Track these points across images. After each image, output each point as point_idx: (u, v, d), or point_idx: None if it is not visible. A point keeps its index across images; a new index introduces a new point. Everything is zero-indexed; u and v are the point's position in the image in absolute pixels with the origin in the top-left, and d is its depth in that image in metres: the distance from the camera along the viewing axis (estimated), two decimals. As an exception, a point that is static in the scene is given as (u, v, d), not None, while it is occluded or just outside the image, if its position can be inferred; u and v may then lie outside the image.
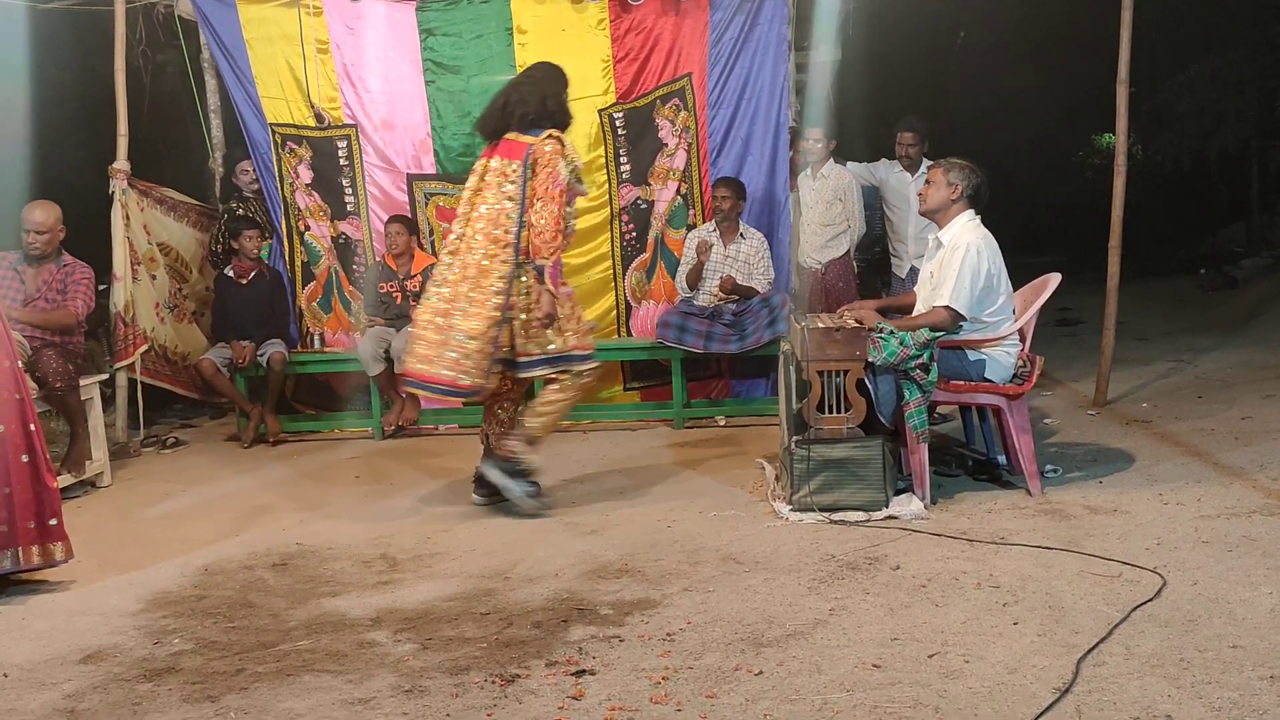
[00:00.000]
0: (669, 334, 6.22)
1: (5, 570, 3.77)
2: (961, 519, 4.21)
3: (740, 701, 2.74)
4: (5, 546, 3.75)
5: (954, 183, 4.59)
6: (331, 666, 3.09)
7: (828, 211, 6.56)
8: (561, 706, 2.76)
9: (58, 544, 3.87)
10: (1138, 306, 9.40)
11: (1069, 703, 2.63)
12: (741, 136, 6.56)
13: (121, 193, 6.21)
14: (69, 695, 2.98)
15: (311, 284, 6.92)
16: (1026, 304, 4.73)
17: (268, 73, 6.66)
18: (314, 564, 4.07)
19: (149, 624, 3.50)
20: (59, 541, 3.87)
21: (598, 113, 6.54)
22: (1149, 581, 3.40)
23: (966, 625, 3.15)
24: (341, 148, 6.75)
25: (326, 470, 5.75)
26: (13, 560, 3.76)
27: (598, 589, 3.62)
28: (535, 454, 4.69)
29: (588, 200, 6.61)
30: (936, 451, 4.81)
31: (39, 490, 3.82)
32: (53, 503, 3.86)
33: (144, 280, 6.44)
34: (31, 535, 3.80)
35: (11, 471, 3.75)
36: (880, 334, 4.40)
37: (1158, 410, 5.99)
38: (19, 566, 3.79)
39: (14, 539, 3.75)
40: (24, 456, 3.78)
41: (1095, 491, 4.49)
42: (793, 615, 3.29)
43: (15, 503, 3.75)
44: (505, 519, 4.58)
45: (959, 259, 4.45)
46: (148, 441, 6.43)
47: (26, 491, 3.78)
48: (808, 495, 4.30)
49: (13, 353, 3.86)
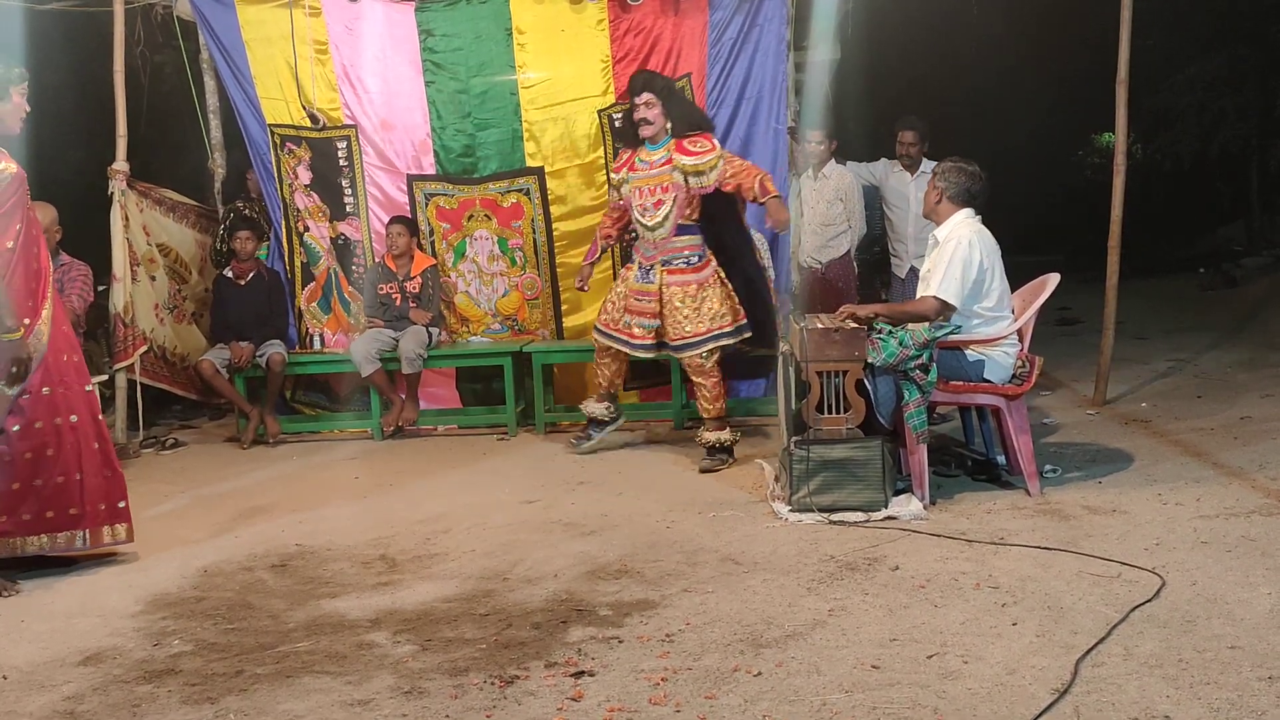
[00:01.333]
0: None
1: (76, 550, 4.07)
2: (961, 519, 4.22)
3: (739, 702, 2.74)
4: (76, 527, 4.04)
5: (939, 186, 4.64)
6: (331, 668, 3.09)
7: (828, 211, 6.56)
8: (560, 708, 2.76)
9: (122, 525, 4.17)
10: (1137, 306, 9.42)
11: (1067, 703, 2.63)
12: (741, 136, 6.55)
13: (121, 194, 6.21)
14: (69, 697, 2.98)
15: (311, 285, 6.92)
16: (1025, 304, 4.74)
17: (267, 73, 6.67)
18: (313, 565, 4.08)
19: (148, 625, 3.51)
20: (124, 523, 4.18)
21: (597, 113, 6.53)
22: (1148, 582, 3.40)
23: (965, 626, 3.15)
24: (341, 148, 6.75)
25: (326, 471, 5.75)
26: (83, 540, 4.06)
27: (597, 590, 3.62)
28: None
29: (588, 200, 6.63)
30: (936, 452, 4.82)
31: (109, 475, 4.14)
32: (120, 486, 4.19)
33: (143, 281, 6.44)
34: (102, 517, 4.10)
35: (84, 458, 4.05)
36: (879, 334, 4.40)
37: (1157, 410, 6.00)
38: (88, 547, 4.08)
39: (83, 520, 4.05)
40: (95, 444, 4.10)
41: (1094, 491, 4.49)
42: (792, 616, 3.29)
43: (86, 488, 4.05)
44: (504, 519, 4.59)
45: (950, 250, 4.48)
46: (147, 442, 6.43)
47: (97, 476, 4.09)
48: (807, 496, 4.30)
49: (78, 347, 4.17)
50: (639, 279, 5.46)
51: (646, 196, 5.38)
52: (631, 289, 5.47)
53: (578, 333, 6.73)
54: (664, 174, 5.32)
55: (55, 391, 3.99)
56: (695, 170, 5.25)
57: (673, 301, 5.33)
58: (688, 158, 5.26)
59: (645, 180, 5.39)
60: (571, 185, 6.62)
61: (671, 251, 5.35)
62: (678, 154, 5.28)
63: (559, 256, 6.70)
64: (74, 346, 4.12)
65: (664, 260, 5.36)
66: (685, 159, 5.26)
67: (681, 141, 5.30)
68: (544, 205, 6.62)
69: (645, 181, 5.39)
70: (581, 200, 6.63)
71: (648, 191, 5.37)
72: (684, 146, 5.29)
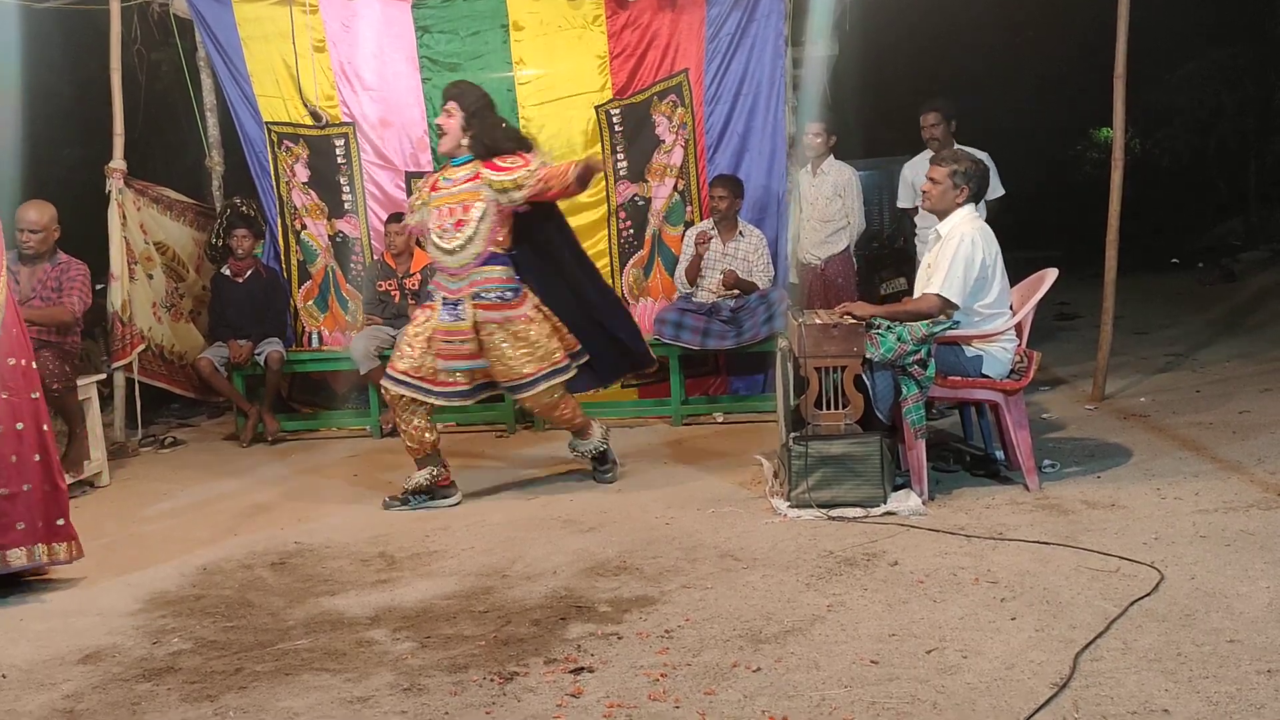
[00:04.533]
0: (666, 331, 6.22)
1: (22, 567, 3.80)
2: (959, 514, 4.22)
3: (738, 698, 2.74)
4: (23, 543, 3.77)
5: (960, 185, 4.57)
6: (330, 665, 3.09)
7: (827, 207, 6.55)
8: (560, 704, 2.76)
9: (64, 543, 3.89)
10: (1136, 300, 9.42)
11: (1066, 698, 2.64)
12: (739, 132, 6.55)
13: (118, 192, 6.20)
14: (68, 695, 2.98)
15: (308, 283, 6.92)
16: (1024, 299, 4.73)
17: (264, 71, 6.66)
18: (312, 563, 4.07)
19: (147, 624, 3.50)
20: (66, 541, 3.89)
21: (594, 109, 6.54)
22: (1146, 576, 3.40)
23: (964, 621, 3.15)
24: (339, 146, 6.74)
25: (325, 469, 5.75)
26: (28, 557, 3.79)
27: (596, 586, 3.62)
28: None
29: (586, 196, 6.60)
30: (934, 447, 4.82)
31: (50, 490, 3.85)
32: (62, 502, 3.89)
33: (141, 280, 6.44)
34: (40, 534, 3.81)
35: (27, 470, 3.77)
36: (878, 330, 4.40)
37: (1155, 405, 6.00)
38: (29, 565, 3.80)
39: (31, 536, 3.79)
40: (36, 456, 3.82)
41: (1093, 486, 4.49)
42: (791, 611, 3.29)
43: (33, 501, 3.78)
44: (503, 517, 4.59)
45: (953, 248, 4.46)
46: (146, 441, 6.43)
47: (38, 491, 3.81)
48: (806, 491, 4.30)
49: (29, 352, 3.90)
50: (446, 317, 4.70)
51: (445, 217, 4.70)
52: (438, 329, 4.71)
53: (576, 329, 6.72)
54: (467, 191, 4.66)
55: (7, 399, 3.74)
56: (503, 187, 4.62)
57: (494, 341, 4.68)
58: (496, 173, 4.64)
59: (446, 199, 4.72)
60: (569, 182, 6.61)
61: (482, 284, 4.66)
62: (486, 170, 4.66)
63: (557, 253, 6.68)
64: (25, 351, 3.85)
65: (474, 294, 4.66)
66: (493, 174, 4.64)
67: (492, 160, 4.67)
68: (543, 203, 6.60)
69: (446, 200, 4.72)
70: (580, 197, 6.58)
71: (447, 211, 4.70)
72: (494, 164, 4.66)
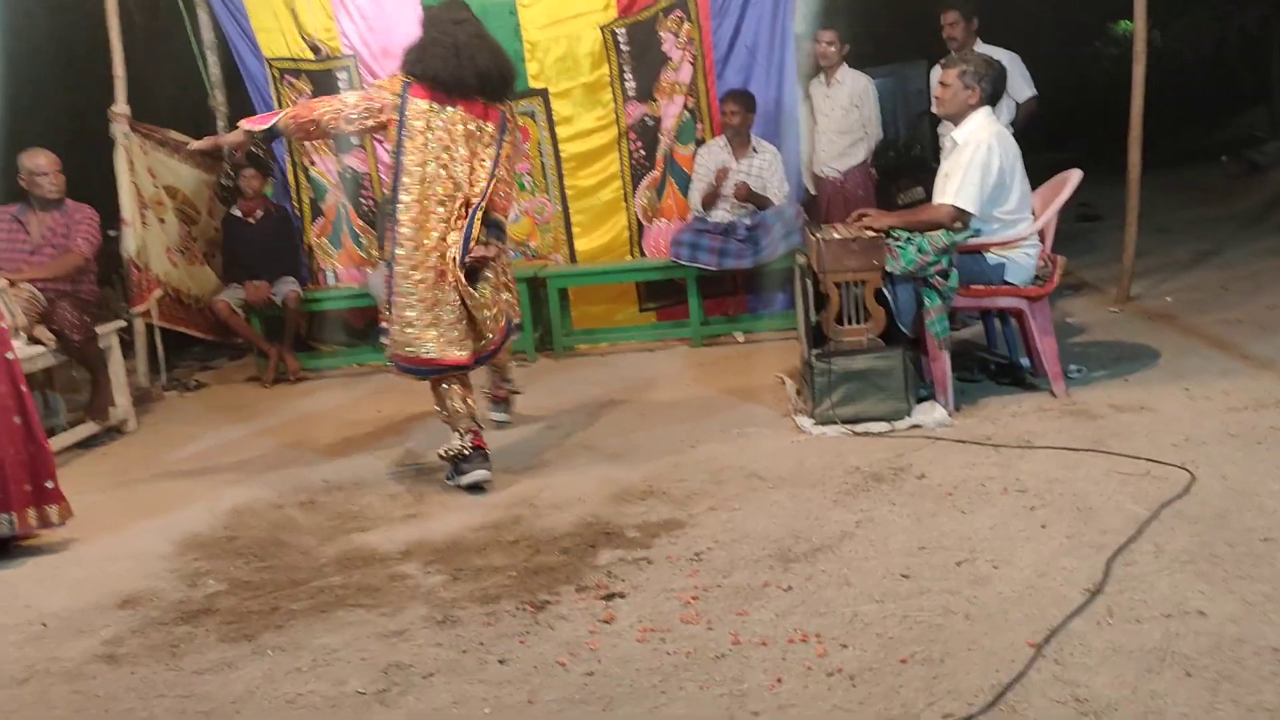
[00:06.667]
0: (682, 252, 6.15)
1: (3, 535, 3.71)
2: (986, 424, 4.19)
3: (771, 617, 2.75)
4: (1, 511, 3.67)
5: (971, 85, 4.45)
6: (364, 600, 3.12)
7: (844, 118, 6.38)
8: (593, 630, 2.78)
9: (53, 506, 3.79)
10: (1158, 197, 9.21)
11: (1100, 603, 2.63)
12: (746, 45, 6.39)
13: (124, 136, 6.13)
14: (108, 641, 3.02)
15: (320, 220, 6.86)
16: (1046, 203, 4.64)
17: (260, 4, 6.51)
18: (341, 500, 4.10)
19: (182, 566, 3.55)
20: (55, 504, 3.80)
21: (599, 29, 6.38)
22: (1177, 478, 3.37)
23: (994, 531, 3.14)
24: (342, 79, 6.62)
25: (348, 406, 5.77)
26: (8, 525, 3.68)
27: (623, 512, 3.63)
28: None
29: (595, 120, 6.50)
30: (958, 357, 4.76)
31: (33, 452, 3.74)
32: (47, 464, 3.79)
33: (153, 224, 6.39)
34: (27, 498, 3.72)
35: (3, 434, 3.65)
36: (897, 242, 4.32)
37: (1181, 304, 5.91)
38: (15, 532, 3.71)
39: (8, 503, 3.67)
40: (16, 418, 3.70)
41: (1120, 390, 4.45)
42: (819, 529, 3.29)
43: (8, 465, 3.66)
44: (528, 446, 4.59)
45: (968, 155, 4.35)
46: (169, 386, 6.46)
47: (20, 454, 3.70)
48: (830, 408, 4.28)
49: None
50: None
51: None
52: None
53: (591, 256, 6.67)
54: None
55: None
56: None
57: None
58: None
59: None
60: (578, 105, 6.50)
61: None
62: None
63: (568, 179, 6.61)
64: None
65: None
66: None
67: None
68: (550, 127, 6.51)
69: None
70: (587, 121, 6.51)
71: None
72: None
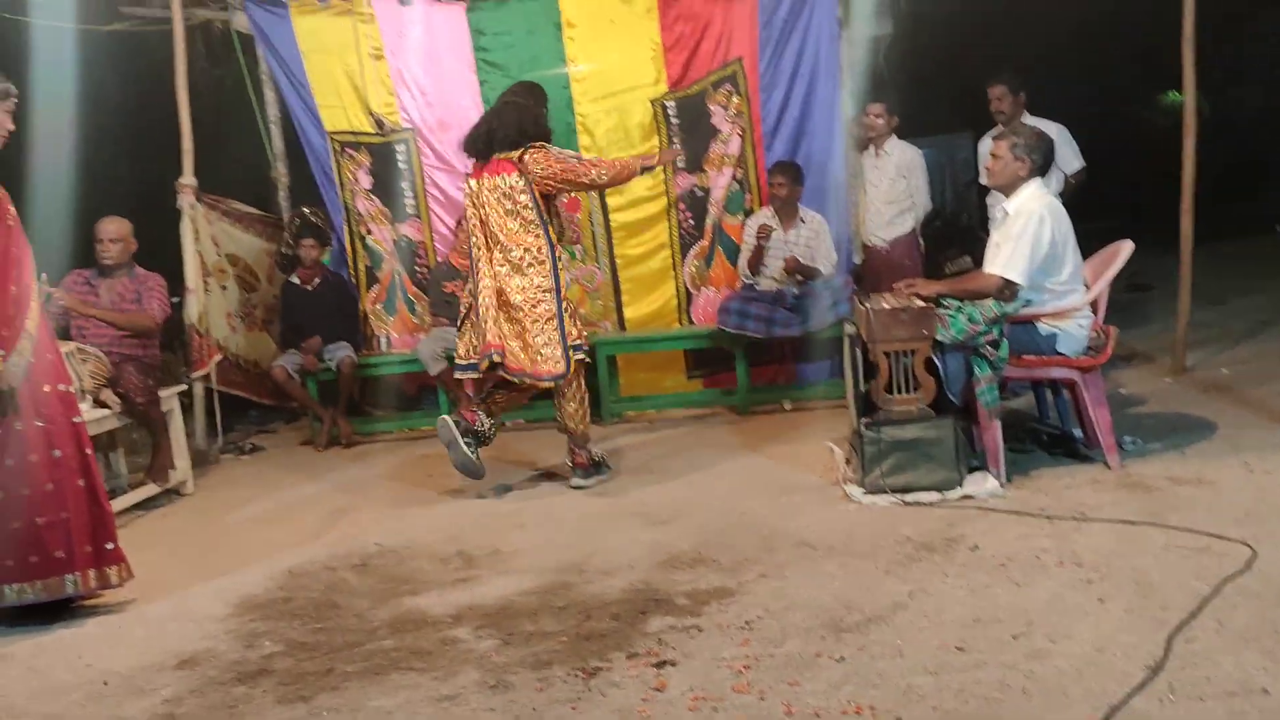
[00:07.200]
0: (730, 320, 6.19)
1: (67, 595, 3.78)
2: (1039, 495, 4.15)
3: (824, 688, 2.73)
4: (65, 571, 3.73)
5: (1021, 157, 4.48)
6: (417, 664, 3.14)
7: (891, 188, 6.44)
8: (645, 698, 2.78)
9: (113, 567, 3.86)
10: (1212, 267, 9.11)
11: (1161, 680, 2.58)
12: (795, 117, 6.50)
13: (190, 207, 6.36)
14: (167, 700, 3.07)
15: (375, 287, 7.02)
16: (1097, 273, 4.63)
17: (324, 82, 6.77)
18: (393, 563, 4.15)
19: (239, 627, 3.60)
20: (115, 565, 3.87)
21: (650, 103, 6.53)
22: (1238, 553, 3.31)
23: (1050, 604, 3.10)
24: (400, 152, 6.83)
25: (400, 470, 5.84)
26: (73, 585, 3.76)
27: (673, 579, 3.63)
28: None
29: (645, 190, 6.62)
30: (1009, 427, 4.73)
31: (96, 514, 3.82)
32: (108, 525, 3.87)
33: (215, 291, 6.60)
34: (89, 559, 3.79)
35: (69, 496, 3.73)
36: (947, 311, 4.34)
37: (1238, 375, 5.83)
38: (78, 591, 3.78)
39: (72, 564, 3.74)
40: (80, 480, 3.77)
41: (1178, 462, 4.39)
42: (871, 599, 3.27)
43: (72, 527, 3.74)
44: (577, 511, 4.62)
45: (1019, 226, 4.36)
46: (226, 448, 6.59)
47: (83, 515, 3.77)
48: (880, 477, 4.26)
49: (65, 376, 3.91)
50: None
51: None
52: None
53: (639, 323, 6.75)
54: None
55: (44, 426, 3.70)
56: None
57: None
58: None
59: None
60: (628, 176, 6.63)
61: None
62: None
63: (618, 248, 6.72)
64: (60, 375, 3.83)
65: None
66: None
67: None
68: (601, 197, 6.63)
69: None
70: (638, 191, 6.63)
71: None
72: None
